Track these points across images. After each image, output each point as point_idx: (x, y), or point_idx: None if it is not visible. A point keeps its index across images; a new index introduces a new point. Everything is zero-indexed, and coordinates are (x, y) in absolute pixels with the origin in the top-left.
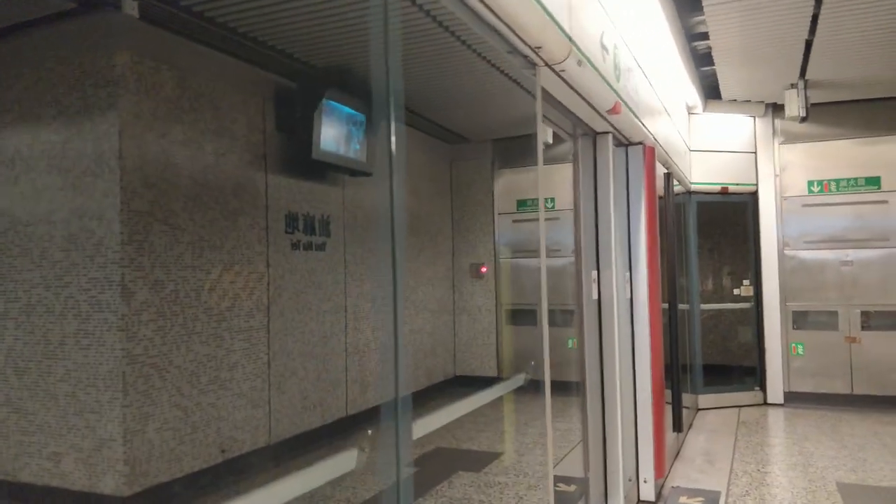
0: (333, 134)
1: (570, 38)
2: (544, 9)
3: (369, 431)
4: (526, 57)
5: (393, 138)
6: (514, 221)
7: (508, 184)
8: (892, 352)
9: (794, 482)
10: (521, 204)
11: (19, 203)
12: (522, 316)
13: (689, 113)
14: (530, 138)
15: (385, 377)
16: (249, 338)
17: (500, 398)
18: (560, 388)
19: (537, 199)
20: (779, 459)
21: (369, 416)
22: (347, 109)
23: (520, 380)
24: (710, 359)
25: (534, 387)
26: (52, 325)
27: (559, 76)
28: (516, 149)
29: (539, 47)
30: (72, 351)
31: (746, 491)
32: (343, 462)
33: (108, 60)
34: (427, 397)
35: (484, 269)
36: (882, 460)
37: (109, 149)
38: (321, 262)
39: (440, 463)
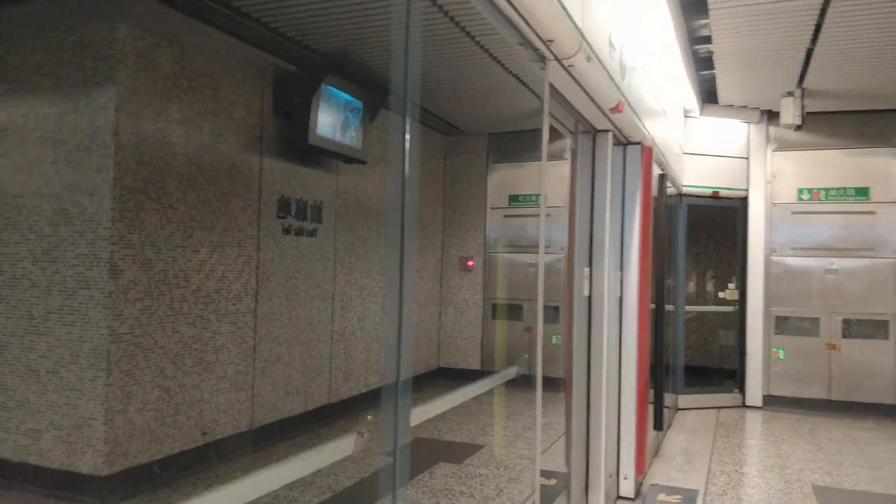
0: (330, 120)
1: (581, 33)
2: (559, 1)
3: (369, 417)
4: (536, 50)
5: (407, 136)
6: (506, 216)
7: (502, 178)
8: (871, 360)
9: (771, 483)
10: (514, 199)
11: (10, 175)
12: (508, 311)
13: (685, 116)
14: (526, 134)
15: (387, 362)
16: (236, 321)
17: (487, 391)
18: (543, 382)
19: (529, 195)
20: (756, 461)
21: (352, 405)
22: (345, 96)
23: (512, 372)
24: (690, 360)
25: (518, 380)
26: (36, 300)
27: (567, 71)
28: (512, 144)
29: (551, 40)
30: (55, 327)
31: (724, 490)
32: (342, 446)
33: (109, 34)
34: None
35: (470, 263)
36: (857, 465)
37: (105, 124)
38: (311, 249)
39: (421, 453)
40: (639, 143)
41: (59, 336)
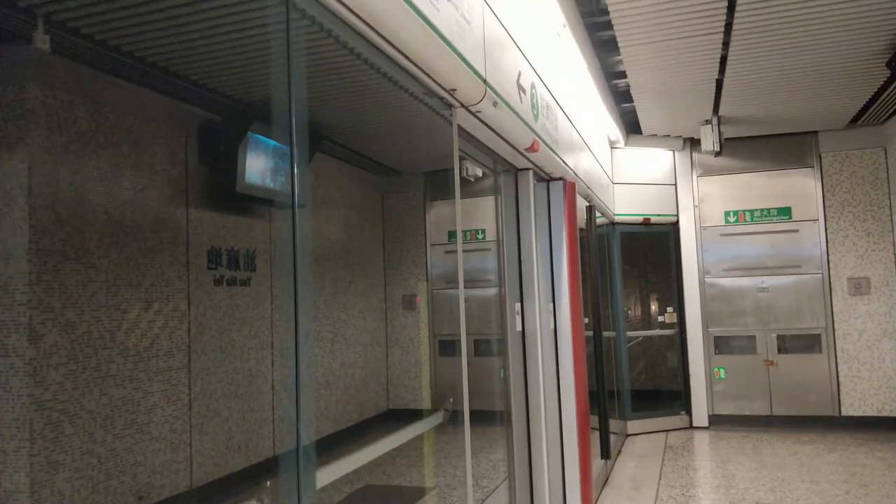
0: (259, 166)
1: (484, 81)
2: (458, 53)
3: (268, 483)
4: (442, 99)
5: (295, 169)
6: (447, 252)
7: (440, 215)
8: (807, 373)
9: None
10: (453, 235)
11: None
12: (454, 347)
13: (611, 147)
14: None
15: (288, 423)
16: (169, 379)
17: (433, 430)
18: (491, 418)
19: (467, 230)
20: (703, 482)
21: None
22: (273, 142)
23: (438, 418)
24: (640, 384)
25: (466, 417)
26: None
27: (475, 116)
28: (448, 181)
29: (454, 90)
30: None
31: None
32: None
33: (18, 94)
34: (357, 433)
35: (417, 300)
36: (799, 479)
37: (18, 185)
38: (246, 298)
39: (371, 502)
40: (561, 178)
41: None
